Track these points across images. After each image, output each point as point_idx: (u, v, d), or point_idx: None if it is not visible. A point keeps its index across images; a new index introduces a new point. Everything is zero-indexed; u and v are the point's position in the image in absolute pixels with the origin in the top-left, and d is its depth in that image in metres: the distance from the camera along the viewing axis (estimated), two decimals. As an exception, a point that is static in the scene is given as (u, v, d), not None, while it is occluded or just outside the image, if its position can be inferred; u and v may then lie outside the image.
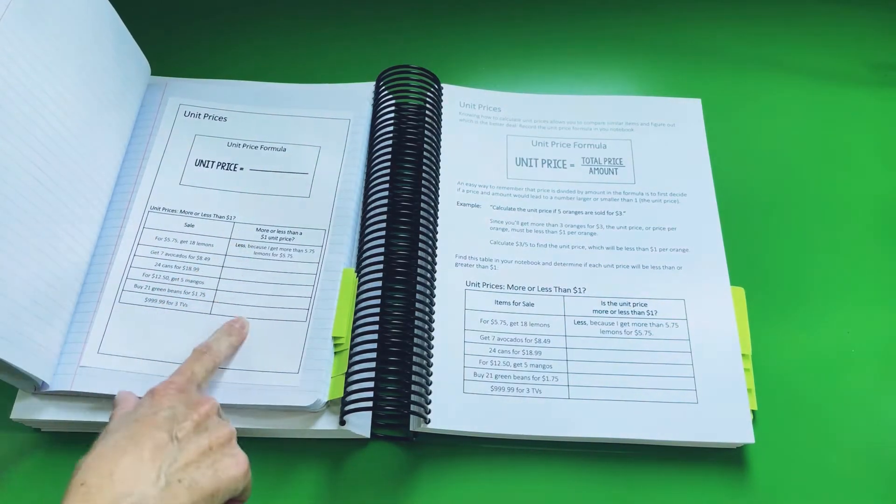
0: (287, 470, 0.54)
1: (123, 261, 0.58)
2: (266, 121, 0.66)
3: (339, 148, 0.64)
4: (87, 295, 0.56)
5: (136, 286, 0.57)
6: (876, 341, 0.60)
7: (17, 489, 0.53)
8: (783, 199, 0.66)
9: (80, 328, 0.55)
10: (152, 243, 0.59)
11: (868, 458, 0.55)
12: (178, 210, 0.61)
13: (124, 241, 0.59)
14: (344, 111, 0.66)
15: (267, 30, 0.76)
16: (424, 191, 0.62)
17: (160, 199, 0.61)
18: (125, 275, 0.57)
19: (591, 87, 0.73)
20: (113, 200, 0.61)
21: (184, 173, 0.62)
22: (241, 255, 0.59)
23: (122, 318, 0.55)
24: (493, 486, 0.54)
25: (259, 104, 0.67)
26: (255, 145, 0.64)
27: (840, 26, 0.77)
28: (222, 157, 0.63)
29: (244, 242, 0.59)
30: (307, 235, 0.60)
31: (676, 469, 0.54)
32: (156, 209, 0.60)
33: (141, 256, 0.58)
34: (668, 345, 0.57)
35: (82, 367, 0.53)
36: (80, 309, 0.56)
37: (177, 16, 0.77)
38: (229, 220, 0.60)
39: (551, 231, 0.62)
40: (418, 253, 0.59)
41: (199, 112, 0.66)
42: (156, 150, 0.63)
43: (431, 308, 0.57)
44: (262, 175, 0.63)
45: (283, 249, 0.59)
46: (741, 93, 0.72)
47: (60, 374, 0.53)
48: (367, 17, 0.77)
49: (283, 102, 0.67)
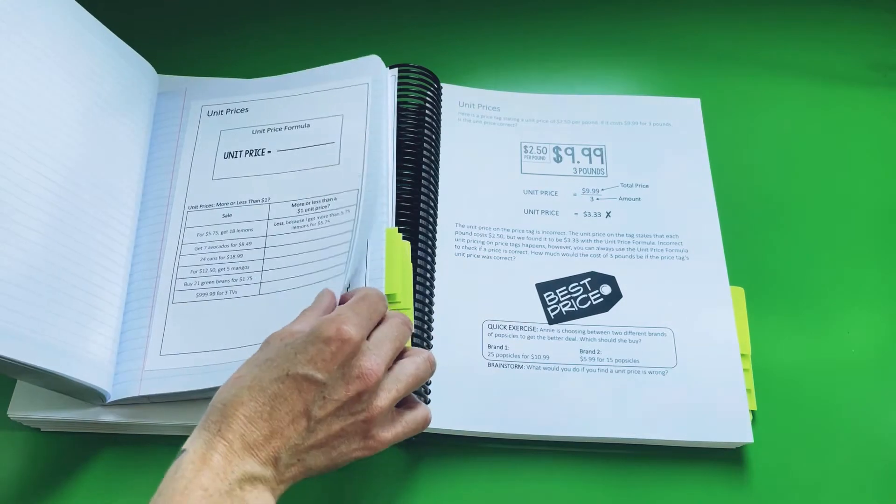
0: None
1: (171, 262, 0.58)
2: (286, 103, 0.66)
3: (362, 112, 0.64)
4: (139, 301, 0.57)
5: (185, 284, 0.57)
6: (875, 341, 0.60)
7: (17, 489, 0.53)
8: (783, 199, 0.66)
9: (137, 334, 0.55)
10: (195, 241, 0.59)
11: (868, 459, 0.55)
12: (214, 204, 0.61)
13: (168, 244, 0.59)
14: (361, 77, 0.66)
15: (266, 29, 0.76)
16: (424, 190, 0.62)
17: (196, 197, 0.61)
18: (174, 275, 0.58)
19: (590, 87, 0.73)
20: (148, 207, 0.61)
21: (215, 168, 0.63)
22: (281, 233, 0.59)
23: (177, 317, 0.56)
24: (493, 486, 0.54)
25: (277, 90, 0.67)
26: (278, 128, 0.64)
27: (840, 26, 0.77)
28: (249, 144, 0.64)
29: (282, 220, 0.59)
30: (342, 199, 0.59)
31: (675, 469, 0.54)
32: (193, 208, 0.61)
33: (186, 255, 0.58)
34: (668, 345, 0.57)
35: (148, 370, 0.53)
36: (134, 315, 0.56)
37: (177, 18, 0.77)
38: (265, 202, 0.60)
39: (552, 231, 0.62)
40: (418, 252, 0.59)
41: (221, 109, 0.66)
42: (185, 154, 0.64)
43: (431, 307, 0.58)
44: (290, 154, 0.63)
45: (320, 217, 0.59)
46: (741, 93, 0.72)
47: (123, 382, 0.53)
48: (366, 16, 0.77)
49: (299, 85, 0.67)
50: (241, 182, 0.62)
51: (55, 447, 0.55)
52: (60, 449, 0.54)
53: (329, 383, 0.43)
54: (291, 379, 0.42)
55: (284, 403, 0.42)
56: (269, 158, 0.63)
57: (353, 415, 0.44)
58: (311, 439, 0.43)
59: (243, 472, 0.40)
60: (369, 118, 0.63)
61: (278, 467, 0.42)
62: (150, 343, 0.55)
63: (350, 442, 0.44)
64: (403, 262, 0.57)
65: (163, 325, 0.56)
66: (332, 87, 0.66)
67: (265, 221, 0.59)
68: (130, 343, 0.55)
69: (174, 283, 0.57)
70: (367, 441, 0.45)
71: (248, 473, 0.41)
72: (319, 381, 0.42)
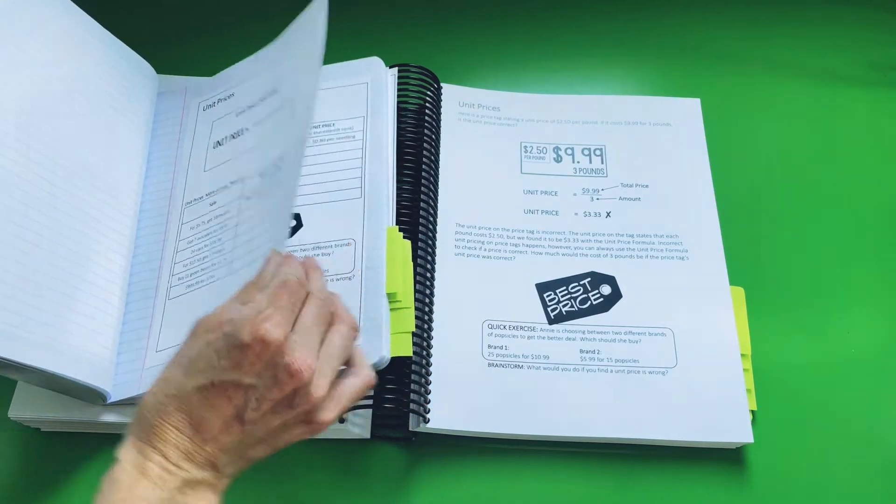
0: (287, 470, 0.54)
1: (169, 259, 0.58)
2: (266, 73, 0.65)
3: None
4: (140, 301, 0.57)
5: (179, 280, 0.57)
6: (875, 341, 0.60)
7: (17, 489, 0.53)
8: (783, 198, 0.66)
9: (138, 334, 0.55)
10: (188, 235, 0.59)
11: (868, 458, 0.55)
12: (204, 195, 0.61)
13: (168, 241, 0.59)
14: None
15: (266, 29, 0.76)
16: (424, 190, 0.62)
17: (192, 192, 0.61)
18: (171, 272, 0.58)
19: (589, 87, 0.73)
20: (149, 206, 0.61)
21: (206, 160, 0.63)
22: (249, 208, 0.58)
23: (172, 312, 0.56)
24: (492, 485, 0.54)
25: (261, 71, 0.66)
26: (255, 104, 0.63)
27: (840, 26, 0.77)
28: (232, 128, 0.64)
29: (251, 194, 0.58)
30: (288, 158, 0.57)
31: (675, 469, 0.54)
32: (189, 203, 0.61)
33: (182, 251, 0.59)
34: (668, 345, 0.57)
35: (148, 369, 0.53)
36: (134, 316, 0.56)
37: (177, 18, 0.77)
38: (239, 181, 0.60)
39: (552, 231, 0.62)
40: (418, 252, 0.59)
41: (213, 101, 0.66)
42: (184, 151, 0.64)
43: (431, 307, 0.58)
44: (263, 124, 0.62)
45: (273, 183, 0.57)
46: (741, 93, 0.72)
47: (123, 383, 0.53)
48: (366, 15, 0.77)
49: None
50: (224, 168, 0.61)
51: (55, 447, 0.55)
52: (60, 449, 0.54)
53: (259, 384, 0.40)
54: (217, 388, 0.40)
55: (213, 412, 0.40)
56: (247, 136, 0.62)
57: (292, 408, 0.42)
58: (249, 439, 0.41)
59: (182, 479, 0.39)
60: (370, 117, 0.63)
61: (218, 468, 0.41)
62: (149, 341, 0.55)
63: (292, 431, 0.43)
64: (405, 261, 0.57)
65: (160, 322, 0.56)
66: (329, 87, 0.66)
67: (238, 200, 0.59)
68: (131, 344, 0.55)
69: (171, 279, 0.57)
70: (311, 426, 0.43)
71: (187, 479, 0.40)
72: (247, 384, 0.40)
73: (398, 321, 0.54)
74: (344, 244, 0.57)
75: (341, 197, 0.60)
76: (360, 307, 0.54)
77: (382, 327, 0.53)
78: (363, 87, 0.65)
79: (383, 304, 0.54)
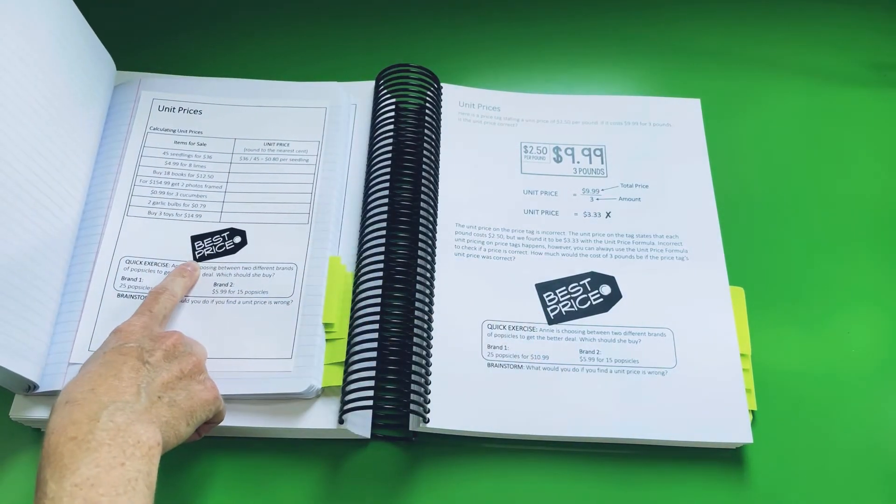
0: (287, 470, 0.54)
1: (107, 256, 0.58)
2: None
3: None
4: (71, 294, 0.56)
5: (122, 279, 0.57)
6: (876, 341, 0.60)
7: (17, 489, 0.53)
8: (783, 199, 0.66)
9: (67, 327, 0.55)
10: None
11: (867, 459, 0.55)
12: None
13: (106, 241, 0.59)
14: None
15: (266, 29, 0.76)
16: (424, 190, 0.62)
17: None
18: (110, 270, 0.57)
19: (590, 87, 0.73)
20: (92, 199, 0.61)
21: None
22: None
23: (108, 312, 0.56)
24: (493, 485, 0.54)
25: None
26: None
27: (840, 26, 0.77)
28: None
29: None
30: None
31: (675, 469, 0.54)
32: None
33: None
34: (668, 345, 0.57)
35: (72, 364, 0.53)
36: (66, 308, 0.56)
37: (172, 14, 0.77)
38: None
39: (552, 231, 0.62)
40: (418, 252, 0.59)
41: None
42: (132, 147, 0.63)
43: (431, 307, 0.58)
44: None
45: None
46: (740, 93, 0.72)
47: (50, 374, 0.53)
48: (366, 16, 0.77)
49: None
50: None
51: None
52: (61, 449, 0.54)
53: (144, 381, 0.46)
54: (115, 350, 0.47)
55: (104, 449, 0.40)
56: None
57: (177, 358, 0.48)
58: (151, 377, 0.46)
59: None
60: (325, 143, 0.64)
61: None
62: (77, 336, 0.55)
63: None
64: (344, 292, 0.57)
65: (94, 319, 0.55)
66: (287, 105, 0.66)
67: None
68: (61, 335, 0.55)
69: (109, 277, 0.57)
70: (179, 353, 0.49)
71: None
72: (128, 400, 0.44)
73: (332, 352, 0.55)
74: (286, 268, 0.58)
75: (288, 220, 0.60)
76: (294, 333, 0.55)
77: (314, 357, 0.54)
78: (321, 112, 0.66)
79: (319, 333, 0.55)
